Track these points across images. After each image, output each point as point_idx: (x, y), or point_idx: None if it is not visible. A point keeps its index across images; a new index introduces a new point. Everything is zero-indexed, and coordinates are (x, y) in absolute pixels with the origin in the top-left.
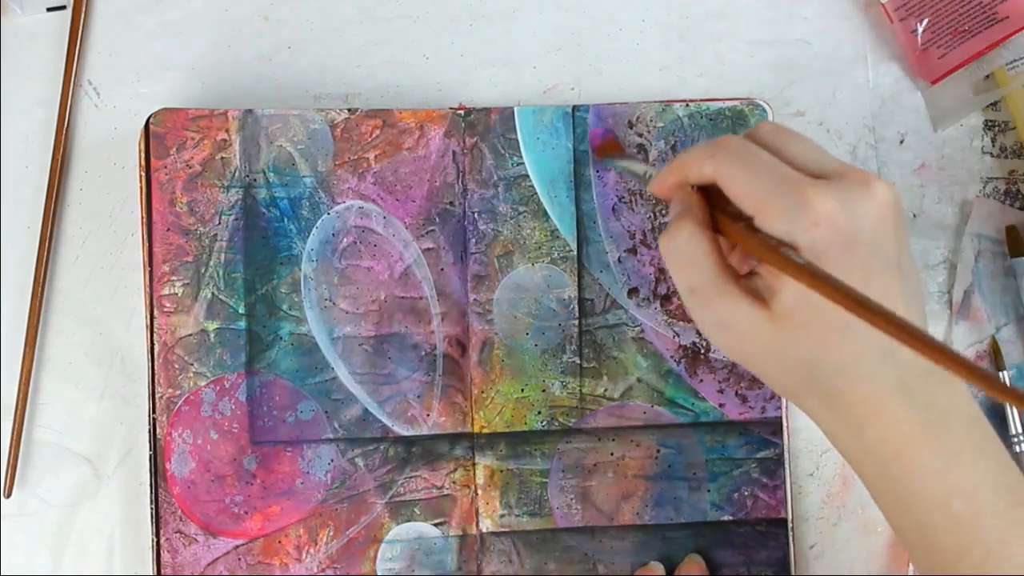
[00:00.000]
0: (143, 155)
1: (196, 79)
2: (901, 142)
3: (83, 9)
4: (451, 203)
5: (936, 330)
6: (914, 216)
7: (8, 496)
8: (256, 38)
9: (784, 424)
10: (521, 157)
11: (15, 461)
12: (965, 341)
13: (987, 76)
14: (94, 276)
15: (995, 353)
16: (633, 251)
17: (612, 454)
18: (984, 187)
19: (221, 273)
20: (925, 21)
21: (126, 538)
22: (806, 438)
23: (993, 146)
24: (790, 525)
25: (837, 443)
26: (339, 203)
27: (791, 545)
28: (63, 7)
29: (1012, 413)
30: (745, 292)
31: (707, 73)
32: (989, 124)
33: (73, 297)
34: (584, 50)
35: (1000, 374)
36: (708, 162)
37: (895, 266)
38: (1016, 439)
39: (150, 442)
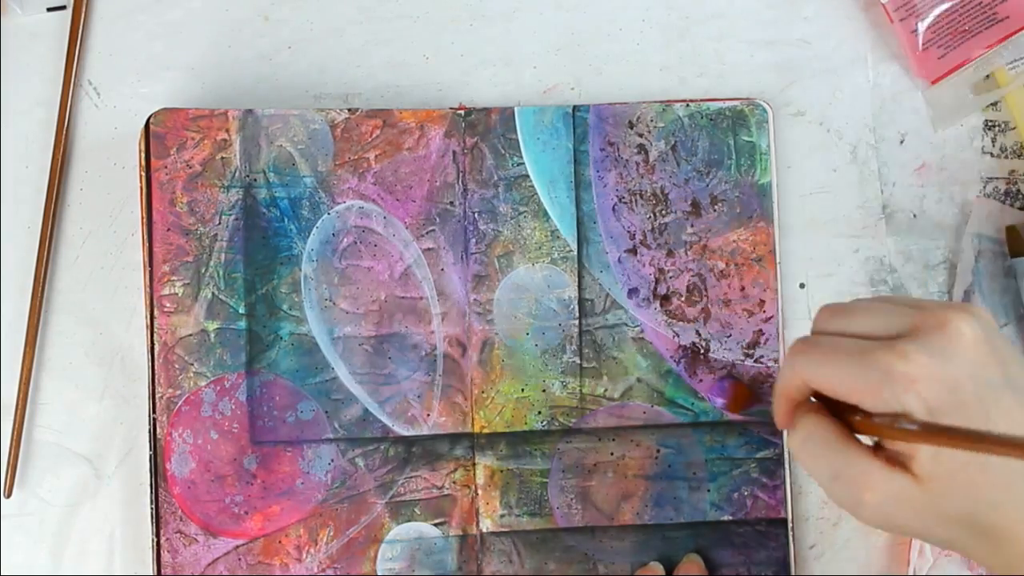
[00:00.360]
0: (143, 155)
1: (196, 79)
2: (901, 142)
3: (83, 9)
4: (451, 203)
5: None
6: (914, 216)
7: (8, 496)
8: (256, 38)
9: None
10: (521, 157)
11: (15, 461)
12: None
13: (987, 76)
14: (94, 276)
15: None
16: (633, 251)
17: (612, 454)
18: (984, 187)
19: (221, 273)
20: (925, 21)
21: (126, 538)
22: None
23: (993, 146)
24: (790, 525)
25: (996, 572)
26: (339, 203)
27: (791, 545)
28: (63, 7)
29: None
30: (887, 463)
31: (707, 73)
32: (989, 124)
33: (73, 297)
34: (584, 50)
35: None
36: (795, 377)
37: (1006, 387)
38: None
39: (150, 442)
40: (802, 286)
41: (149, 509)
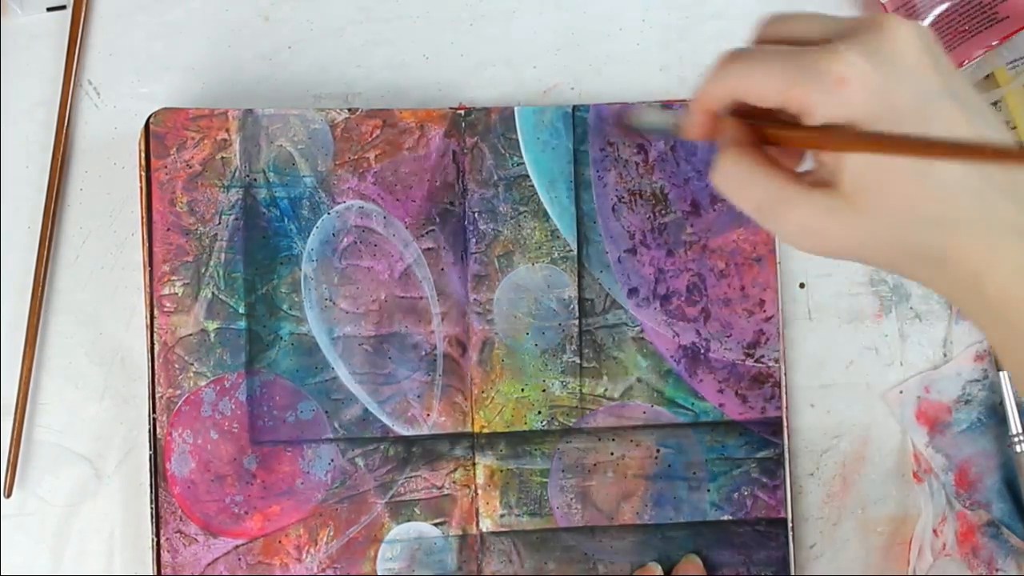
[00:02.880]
0: (143, 155)
1: (196, 79)
2: None
3: (83, 9)
4: (451, 203)
5: (936, 330)
6: None
7: (8, 496)
8: (256, 38)
9: (784, 424)
10: (521, 157)
11: (15, 461)
12: (965, 341)
13: (987, 76)
14: (94, 276)
15: (995, 352)
16: (633, 251)
17: (612, 454)
18: None
19: (221, 273)
20: (925, 21)
21: (126, 538)
22: (806, 438)
23: None
24: (790, 525)
25: (959, 306)
26: (339, 203)
27: (791, 545)
28: (63, 7)
29: (1012, 413)
30: (811, 187)
31: None
32: None
33: (73, 297)
34: (584, 50)
35: (1000, 374)
36: (722, 83)
37: (946, 96)
38: (1017, 439)
39: (150, 442)
40: (802, 286)
41: (149, 509)
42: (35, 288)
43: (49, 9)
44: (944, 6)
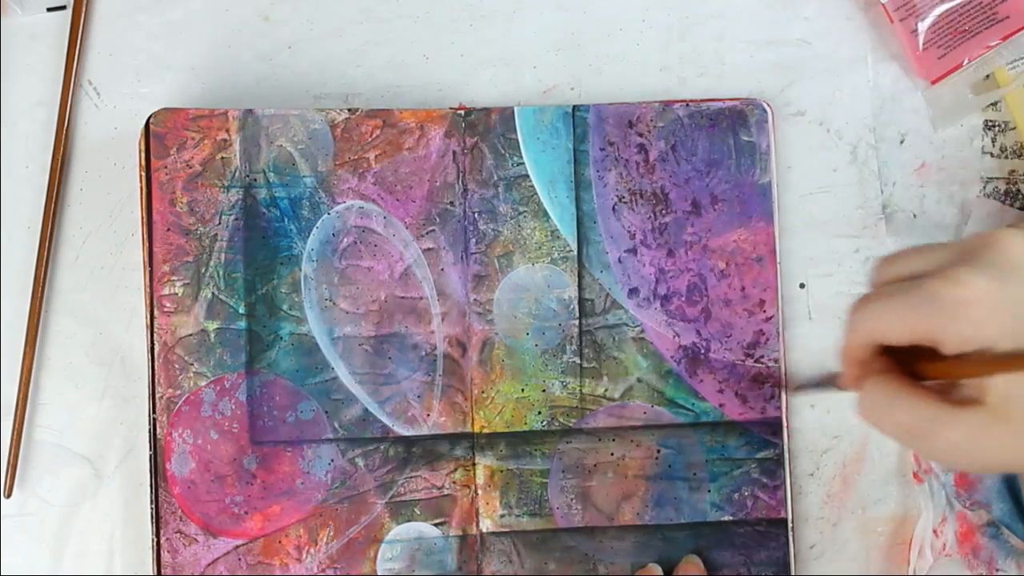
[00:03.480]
0: (143, 155)
1: (196, 79)
2: (901, 142)
3: (83, 9)
4: (451, 203)
5: None
6: (914, 216)
7: (8, 496)
8: (256, 38)
9: (784, 424)
10: (521, 157)
11: (15, 461)
12: None
13: (987, 76)
14: (94, 276)
15: None
16: (633, 251)
17: (612, 454)
18: (984, 187)
19: (221, 273)
20: (925, 21)
21: (126, 538)
22: (806, 438)
23: (993, 146)
24: (790, 525)
25: None
26: (339, 203)
27: (791, 545)
28: (63, 7)
29: None
30: (959, 406)
31: (707, 73)
32: (989, 124)
33: (73, 297)
34: (584, 50)
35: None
36: (858, 332)
37: None
38: None
39: (150, 442)
40: (802, 286)
41: (149, 509)
42: (35, 288)
43: (49, 9)
44: (944, 6)
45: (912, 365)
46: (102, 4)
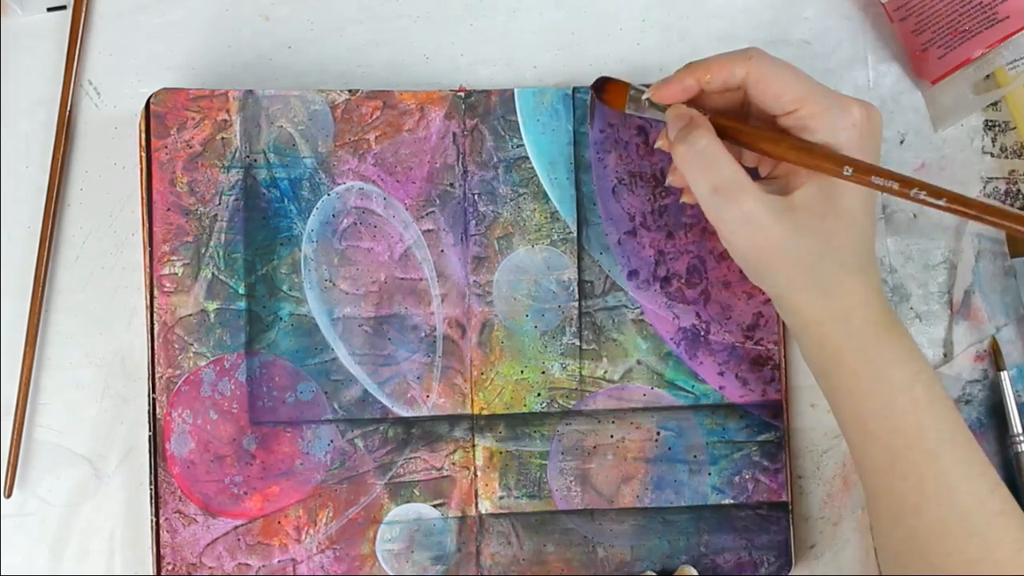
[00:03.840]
0: (143, 135)
1: (196, 79)
2: (901, 142)
3: (83, 9)
4: (451, 184)
5: (936, 330)
6: (914, 216)
7: (8, 496)
8: (256, 38)
9: (784, 407)
10: (521, 139)
11: (15, 461)
12: (965, 341)
13: (987, 76)
14: (94, 276)
15: (995, 353)
16: (633, 233)
17: (612, 436)
18: (984, 187)
19: (221, 253)
20: (925, 21)
21: (126, 538)
22: (806, 438)
23: (993, 146)
24: (791, 508)
25: (824, 329)
26: (339, 184)
27: (792, 528)
28: (63, 7)
29: (1012, 413)
30: (764, 188)
31: None
32: (989, 124)
33: (73, 297)
34: (584, 50)
35: (1000, 374)
36: (742, 65)
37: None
38: (1017, 439)
39: (149, 422)
40: None
41: (149, 509)
42: (35, 288)
43: (49, 9)
44: (944, 6)
45: (727, 124)
46: (102, 4)
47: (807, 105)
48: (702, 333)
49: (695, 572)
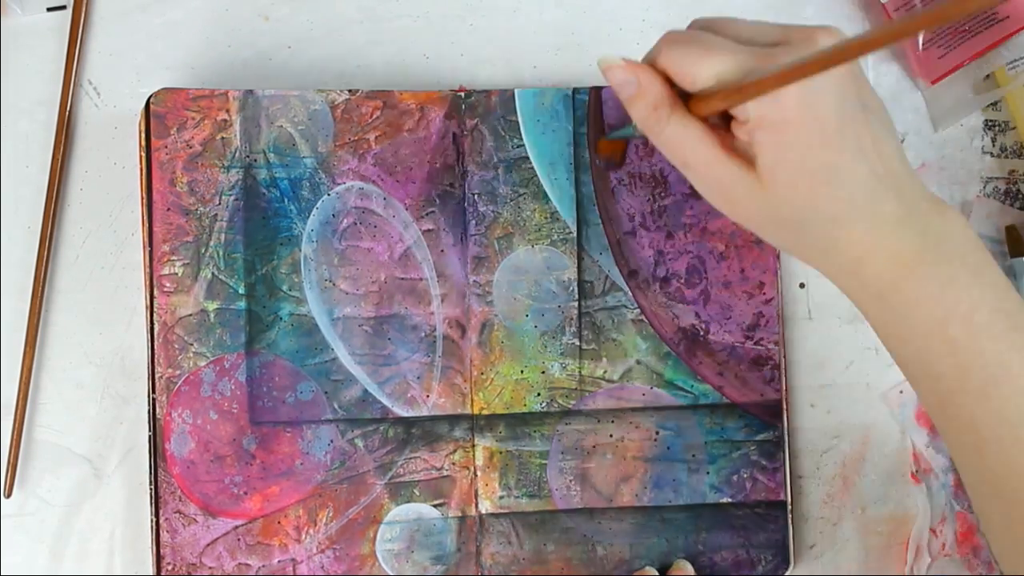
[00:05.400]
0: (143, 135)
1: (196, 79)
2: (901, 142)
3: (83, 9)
4: (451, 185)
5: None
6: None
7: (8, 496)
8: (256, 38)
9: (783, 406)
10: (521, 139)
11: (15, 461)
12: None
13: (987, 76)
14: (94, 276)
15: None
16: (632, 233)
17: (611, 436)
18: (984, 187)
19: (221, 253)
20: None
21: (126, 538)
22: (806, 438)
23: (993, 146)
24: (789, 507)
25: (840, 286)
26: (339, 184)
27: (790, 527)
28: (63, 7)
29: None
30: (734, 157)
31: None
32: (989, 124)
33: (73, 297)
34: (584, 50)
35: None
36: (675, 66)
37: (860, 108)
38: None
39: (149, 422)
40: (802, 286)
41: (149, 508)
42: (35, 288)
43: (49, 9)
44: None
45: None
46: (102, 4)
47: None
48: (701, 333)
49: (690, 567)
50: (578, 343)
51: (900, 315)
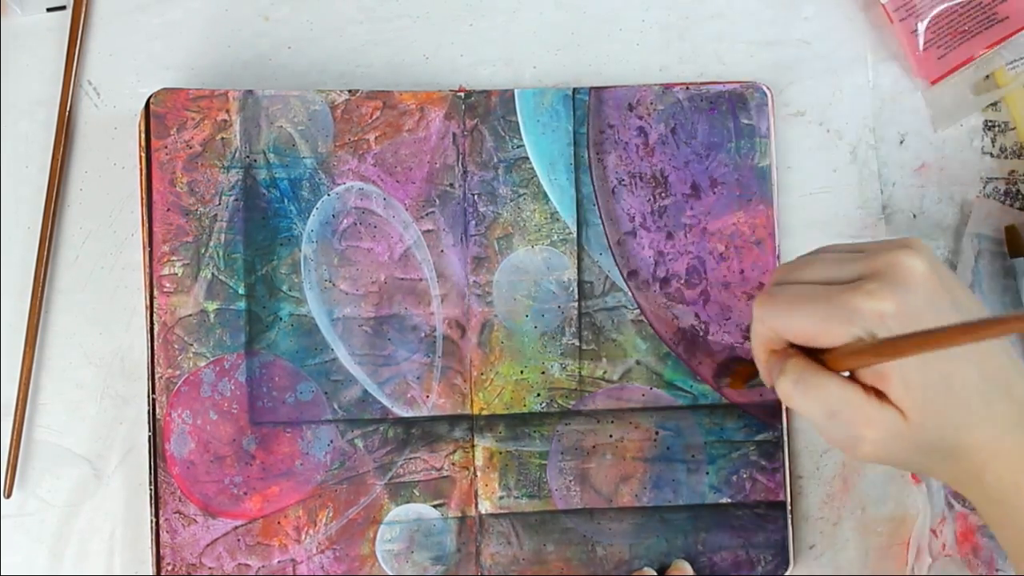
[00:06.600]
0: (143, 135)
1: (196, 79)
2: (901, 142)
3: (83, 9)
4: (451, 185)
5: None
6: (914, 216)
7: (8, 496)
8: (256, 38)
9: (783, 407)
10: (521, 139)
11: (15, 461)
12: None
13: (987, 76)
14: (94, 276)
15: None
16: (633, 234)
17: (611, 436)
18: (984, 187)
19: (221, 253)
20: (925, 21)
21: (126, 538)
22: (806, 438)
23: (993, 146)
24: (789, 508)
25: (962, 492)
26: (339, 184)
27: (790, 528)
28: (63, 7)
29: None
30: (878, 397)
31: (707, 74)
32: (989, 124)
33: (73, 297)
34: (584, 50)
35: None
36: (767, 330)
37: (954, 311)
38: None
39: (149, 422)
40: None
41: (149, 507)
42: (35, 288)
43: (49, 9)
44: (944, 6)
45: (823, 358)
46: (102, 4)
47: (826, 337)
48: (701, 333)
49: (689, 567)
50: (578, 343)
51: (1019, 516)
